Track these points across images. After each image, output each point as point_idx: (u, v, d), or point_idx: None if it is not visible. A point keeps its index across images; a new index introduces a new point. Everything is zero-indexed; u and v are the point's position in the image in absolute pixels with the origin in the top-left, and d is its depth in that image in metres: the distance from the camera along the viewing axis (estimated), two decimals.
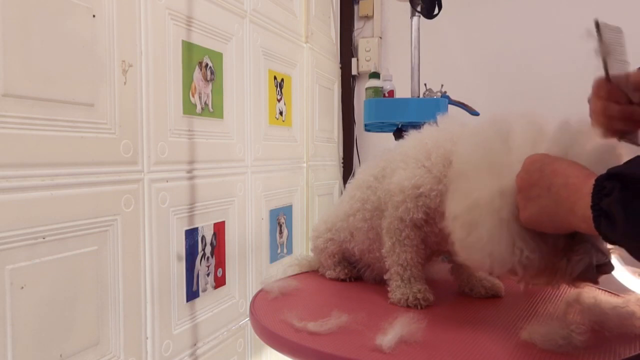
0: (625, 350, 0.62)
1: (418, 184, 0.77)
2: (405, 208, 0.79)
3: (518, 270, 0.61)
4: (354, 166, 1.90)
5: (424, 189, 0.76)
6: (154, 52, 0.92)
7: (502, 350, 0.63)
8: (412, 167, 0.79)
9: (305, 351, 0.65)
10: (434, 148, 0.78)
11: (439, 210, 0.76)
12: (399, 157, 0.83)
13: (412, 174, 0.78)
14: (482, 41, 1.74)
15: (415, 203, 0.78)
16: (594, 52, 0.62)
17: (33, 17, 0.69)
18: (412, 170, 0.79)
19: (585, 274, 0.61)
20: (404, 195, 0.79)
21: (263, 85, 1.33)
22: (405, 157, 0.82)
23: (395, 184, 0.80)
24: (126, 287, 0.85)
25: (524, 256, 0.60)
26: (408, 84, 1.31)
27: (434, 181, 0.76)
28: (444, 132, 0.80)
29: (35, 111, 0.70)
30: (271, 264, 1.39)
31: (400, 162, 0.82)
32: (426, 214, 0.78)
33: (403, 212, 0.79)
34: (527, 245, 0.60)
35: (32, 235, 0.69)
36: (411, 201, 0.78)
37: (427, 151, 0.78)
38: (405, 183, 0.78)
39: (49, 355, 0.72)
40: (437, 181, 0.76)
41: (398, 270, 0.82)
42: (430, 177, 0.76)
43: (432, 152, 0.78)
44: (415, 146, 0.81)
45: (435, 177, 0.76)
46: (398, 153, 0.85)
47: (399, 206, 0.80)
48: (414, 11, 1.27)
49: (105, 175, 0.81)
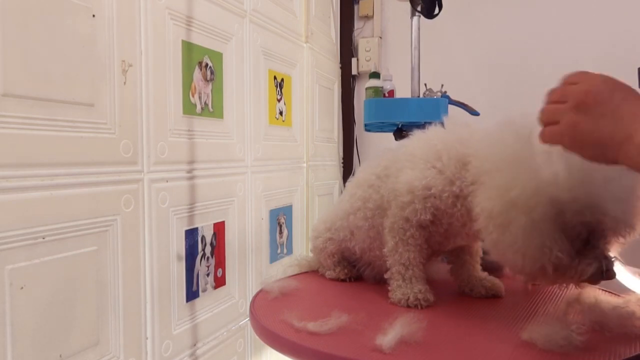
0: (625, 351, 0.62)
1: (429, 185, 0.77)
2: (412, 209, 0.79)
3: (548, 269, 0.63)
4: (354, 166, 1.90)
5: (435, 190, 0.77)
6: (154, 52, 0.92)
7: (503, 351, 0.63)
8: (421, 167, 0.79)
9: (305, 351, 0.65)
10: (444, 150, 0.78)
11: (447, 211, 0.77)
12: (405, 157, 0.83)
13: (422, 175, 0.78)
14: (482, 41, 1.74)
15: (424, 204, 0.78)
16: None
17: (33, 17, 0.69)
18: (422, 171, 0.78)
19: (593, 277, 0.64)
20: (413, 195, 0.78)
21: (263, 85, 1.33)
22: (412, 158, 0.81)
23: (404, 183, 0.80)
24: (126, 287, 0.85)
25: (554, 255, 0.62)
26: (408, 84, 1.30)
27: (446, 182, 0.76)
28: (451, 133, 0.81)
29: (35, 111, 0.69)
30: (271, 264, 1.39)
31: (406, 162, 0.82)
32: (434, 215, 0.78)
33: (410, 213, 0.79)
34: (556, 244, 0.62)
35: (31, 235, 0.69)
36: (420, 202, 0.78)
37: (437, 152, 0.78)
38: (416, 183, 0.78)
39: (49, 355, 0.72)
40: (450, 183, 0.76)
41: (400, 269, 0.82)
42: (442, 178, 0.77)
43: (443, 154, 0.78)
44: (423, 147, 0.81)
45: (447, 179, 0.76)
46: (403, 153, 0.84)
47: (405, 207, 0.79)
48: (414, 11, 1.27)
49: (105, 175, 0.81)
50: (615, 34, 1.55)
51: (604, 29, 1.57)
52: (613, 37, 1.55)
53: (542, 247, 0.62)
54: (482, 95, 1.69)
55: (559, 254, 0.62)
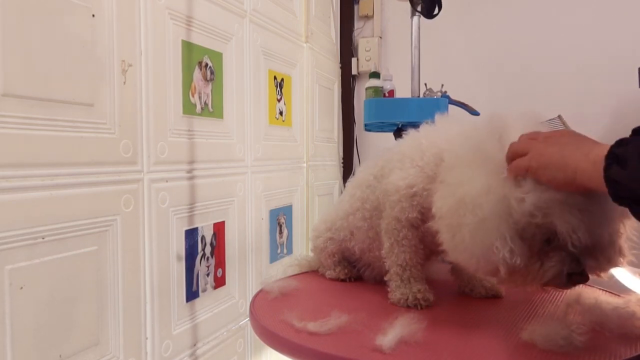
0: (626, 351, 0.62)
1: (412, 183, 0.77)
2: (400, 208, 0.79)
3: (501, 270, 0.61)
4: (354, 166, 1.90)
5: (417, 188, 0.77)
6: (154, 52, 0.92)
7: (503, 351, 0.63)
8: (407, 166, 0.79)
9: (305, 351, 0.65)
10: (428, 147, 0.78)
11: (430, 209, 0.76)
12: (397, 157, 0.83)
13: (406, 174, 0.78)
14: (483, 41, 1.74)
15: (410, 202, 0.78)
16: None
17: (33, 17, 0.69)
18: (406, 170, 0.79)
19: (555, 281, 0.61)
20: (399, 194, 0.79)
21: (263, 85, 1.33)
22: (402, 157, 0.82)
23: (392, 183, 0.80)
24: (126, 287, 0.85)
25: (502, 256, 0.59)
26: (408, 83, 1.30)
27: (427, 180, 0.76)
28: (440, 131, 0.80)
29: (35, 111, 0.69)
30: (271, 264, 1.39)
31: (397, 161, 0.82)
32: (421, 213, 0.78)
33: (399, 212, 0.79)
34: (506, 245, 0.60)
35: (31, 235, 0.69)
36: (406, 201, 0.78)
37: (422, 150, 0.78)
38: (400, 183, 0.78)
39: (49, 355, 0.72)
40: (430, 180, 0.75)
41: (397, 270, 0.82)
42: (423, 176, 0.76)
43: (426, 152, 0.77)
44: (412, 146, 0.81)
45: (428, 176, 0.76)
46: (396, 152, 0.85)
47: (394, 206, 0.80)
48: (414, 11, 1.27)
49: (105, 175, 0.81)
50: (615, 34, 1.55)
51: (604, 29, 1.57)
52: (613, 37, 1.55)
53: (490, 247, 0.60)
54: (482, 95, 1.69)
55: (506, 254, 0.59)
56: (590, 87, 1.57)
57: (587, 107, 1.54)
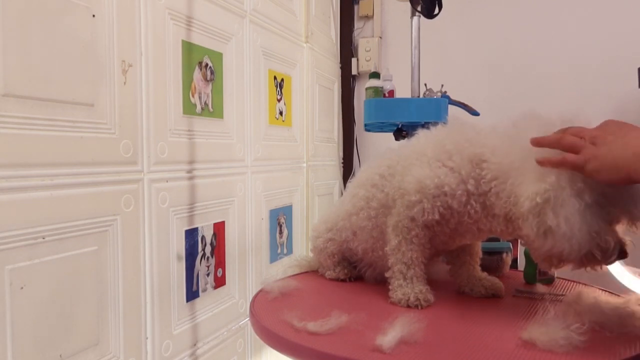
0: (625, 351, 0.62)
1: (441, 183, 0.77)
2: (420, 208, 0.79)
3: (596, 254, 0.65)
4: (354, 166, 1.90)
5: (448, 189, 0.77)
6: (154, 52, 0.92)
7: (503, 350, 0.63)
8: (433, 166, 0.79)
9: (305, 351, 0.65)
10: (455, 149, 0.78)
11: (459, 210, 0.77)
12: (415, 156, 0.83)
13: (433, 174, 0.78)
14: (483, 41, 1.74)
15: (433, 203, 0.78)
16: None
17: (33, 17, 0.69)
18: (433, 170, 0.78)
19: (620, 256, 0.67)
20: (422, 194, 0.78)
21: (263, 85, 1.33)
22: (421, 156, 0.81)
23: (413, 182, 0.80)
24: (126, 287, 0.85)
25: (602, 239, 0.64)
26: (408, 84, 1.30)
27: (459, 181, 0.76)
28: (458, 133, 0.81)
29: (35, 111, 0.69)
30: (271, 264, 1.39)
31: (415, 160, 0.82)
32: (441, 214, 0.78)
33: (417, 213, 0.79)
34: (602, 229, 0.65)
35: (31, 235, 0.69)
36: (429, 201, 0.78)
37: (448, 152, 0.79)
38: (427, 182, 0.78)
39: (49, 355, 0.72)
40: (463, 181, 0.76)
41: (401, 268, 0.82)
42: (455, 176, 0.77)
43: (454, 153, 0.78)
44: (433, 146, 0.81)
45: (460, 177, 0.76)
46: (412, 151, 0.84)
47: (412, 206, 0.79)
48: (414, 11, 1.27)
49: (105, 175, 0.81)
50: (615, 34, 1.55)
51: (604, 29, 1.57)
52: (613, 37, 1.55)
53: (589, 232, 0.64)
54: (482, 95, 1.69)
55: (607, 237, 0.64)
56: (590, 87, 1.57)
57: (587, 107, 1.54)
